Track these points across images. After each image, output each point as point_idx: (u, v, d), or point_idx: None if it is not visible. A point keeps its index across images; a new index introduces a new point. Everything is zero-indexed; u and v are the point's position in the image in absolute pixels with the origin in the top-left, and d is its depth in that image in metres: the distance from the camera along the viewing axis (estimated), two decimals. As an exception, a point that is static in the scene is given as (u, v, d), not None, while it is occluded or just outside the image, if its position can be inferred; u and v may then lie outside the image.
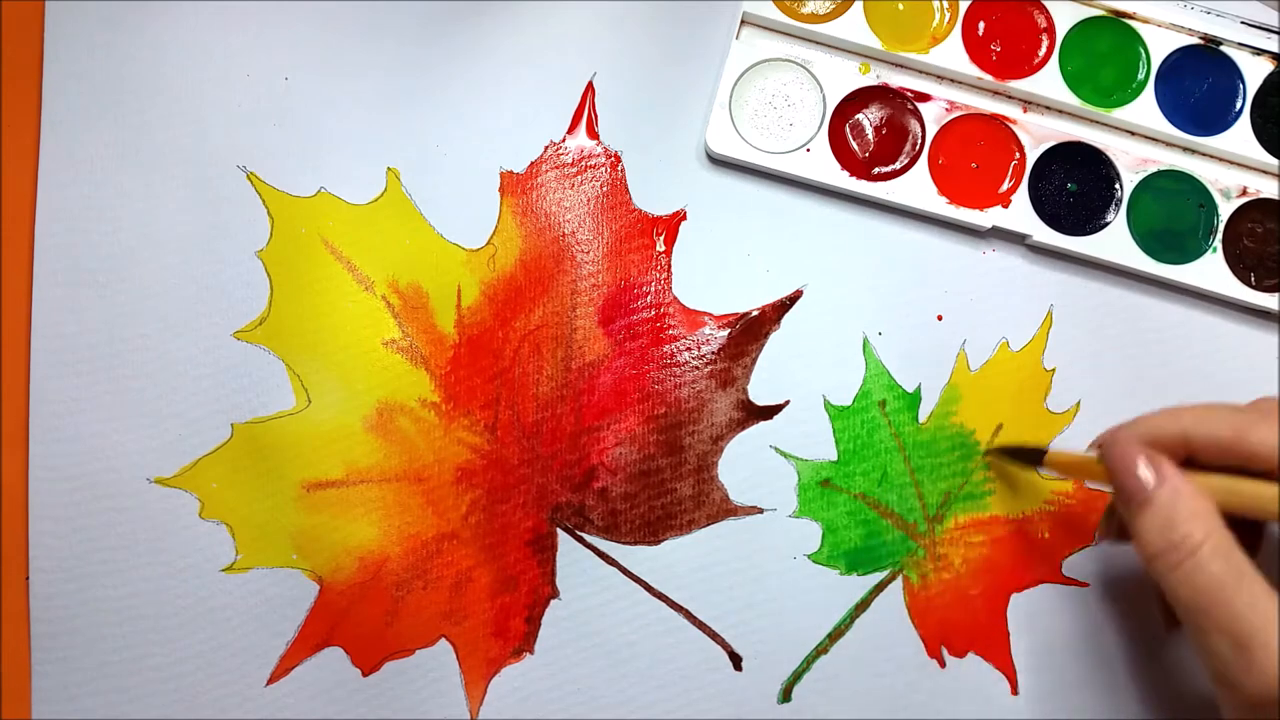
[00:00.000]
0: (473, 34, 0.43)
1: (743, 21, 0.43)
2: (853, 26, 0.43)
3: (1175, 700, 0.42)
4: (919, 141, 0.43)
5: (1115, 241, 0.43)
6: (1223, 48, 0.44)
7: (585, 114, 0.43)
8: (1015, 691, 0.42)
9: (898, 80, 0.44)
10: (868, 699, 0.42)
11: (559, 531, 0.42)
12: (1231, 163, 0.44)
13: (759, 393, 0.43)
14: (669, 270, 0.43)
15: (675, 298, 0.43)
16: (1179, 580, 0.32)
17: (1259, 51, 0.44)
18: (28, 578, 0.41)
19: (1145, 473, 0.33)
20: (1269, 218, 0.43)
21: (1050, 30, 0.43)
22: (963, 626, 0.42)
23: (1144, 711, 0.42)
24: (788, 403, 0.43)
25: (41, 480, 0.41)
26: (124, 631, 0.41)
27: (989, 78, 0.43)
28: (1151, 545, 0.33)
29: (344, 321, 0.42)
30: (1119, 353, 0.43)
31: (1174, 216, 0.43)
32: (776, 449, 0.43)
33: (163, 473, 0.41)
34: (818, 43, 0.44)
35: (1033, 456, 0.40)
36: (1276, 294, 0.43)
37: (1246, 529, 0.34)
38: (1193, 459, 0.34)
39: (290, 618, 0.41)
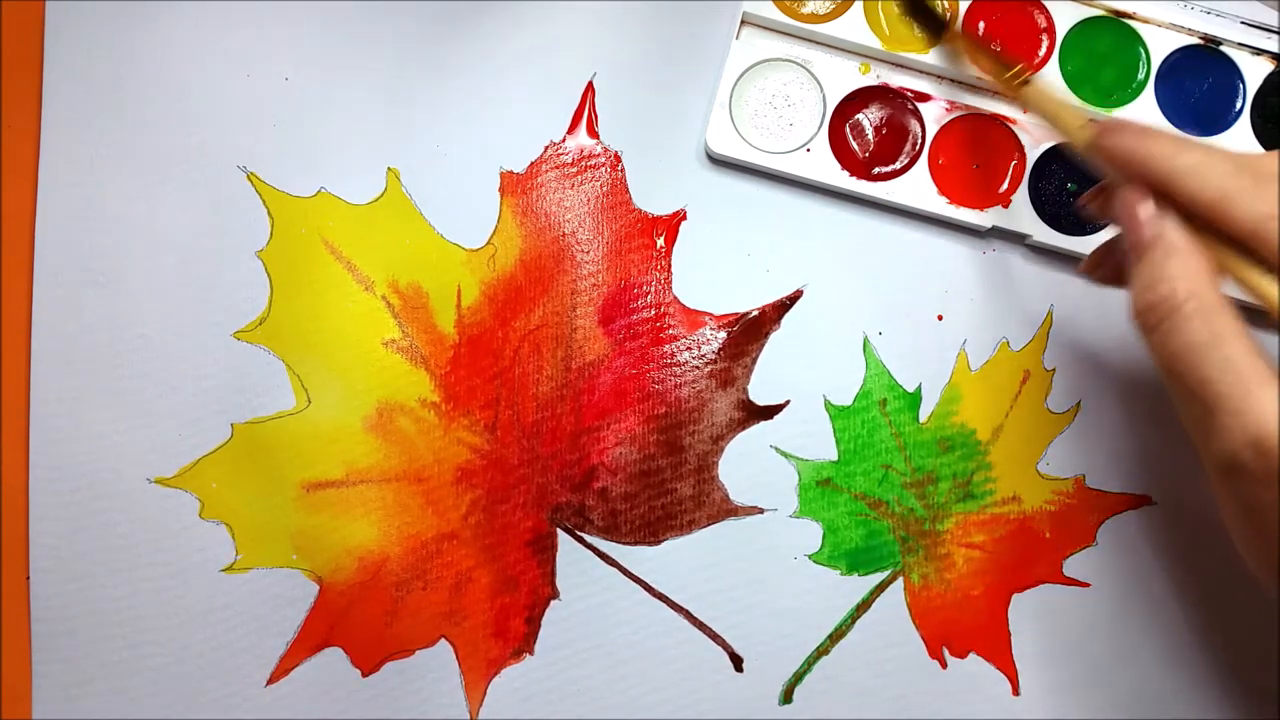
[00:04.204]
0: (473, 34, 0.43)
1: (743, 21, 0.43)
2: (853, 26, 0.43)
3: (1176, 700, 0.42)
4: (919, 141, 0.43)
5: (1115, 241, 0.43)
6: (1223, 48, 0.44)
7: (585, 114, 0.43)
8: (1017, 692, 0.42)
9: (898, 80, 0.44)
10: (869, 700, 0.42)
11: (559, 532, 0.42)
12: (1232, 162, 0.44)
13: (759, 393, 0.43)
14: (669, 270, 0.43)
15: (675, 298, 0.43)
16: (1155, 342, 0.30)
17: (1259, 51, 0.44)
18: (28, 578, 0.41)
19: (1148, 224, 0.30)
20: (1269, 217, 0.43)
21: (1050, 30, 0.43)
22: (964, 627, 0.42)
23: (1146, 711, 0.42)
24: (788, 403, 0.43)
25: (41, 480, 0.41)
26: (124, 631, 0.41)
27: (989, 78, 0.43)
28: (1136, 302, 0.30)
29: (344, 321, 0.42)
30: (1119, 353, 0.43)
31: (1174, 216, 0.43)
32: (777, 449, 0.42)
33: (163, 473, 0.41)
34: (818, 43, 0.44)
35: (935, 26, 0.36)
36: (1277, 294, 0.43)
37: None
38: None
39: (290, 618, 0.41)
